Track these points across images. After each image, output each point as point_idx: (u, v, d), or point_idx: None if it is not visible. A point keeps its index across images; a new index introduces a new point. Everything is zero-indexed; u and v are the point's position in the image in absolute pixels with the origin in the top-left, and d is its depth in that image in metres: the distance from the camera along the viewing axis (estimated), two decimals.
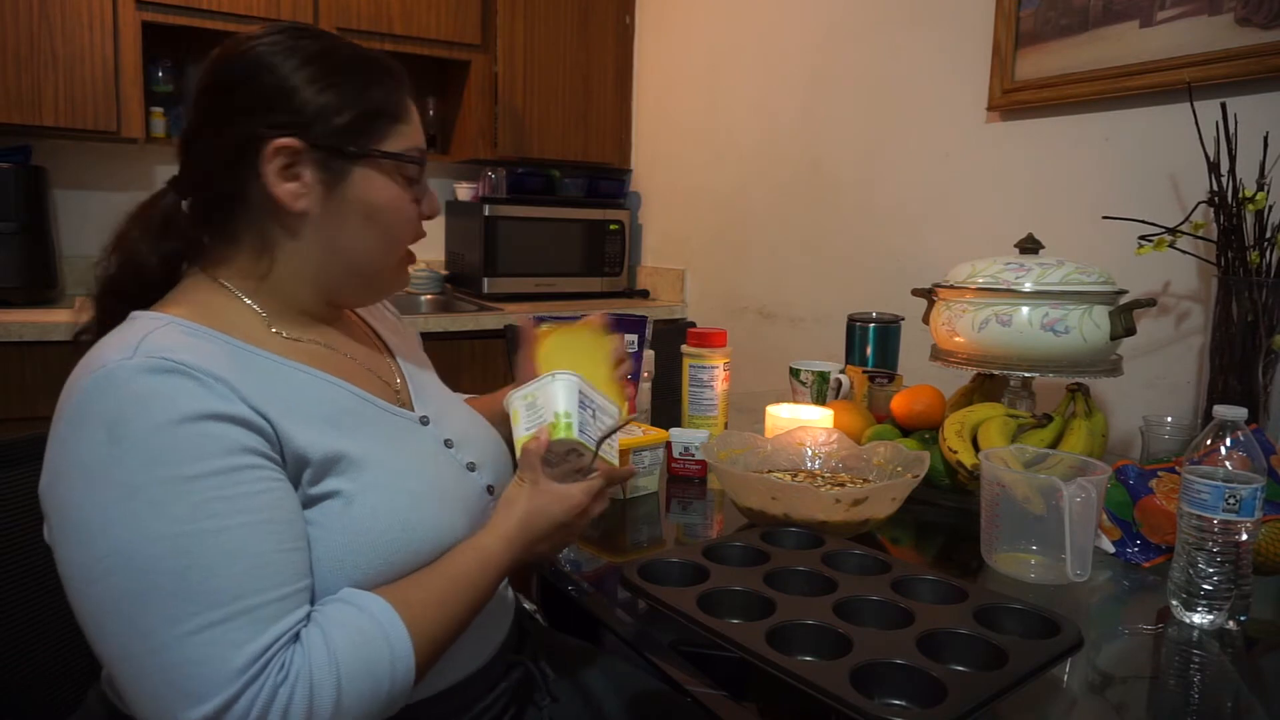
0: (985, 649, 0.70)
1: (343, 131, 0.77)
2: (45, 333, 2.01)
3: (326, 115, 0.76)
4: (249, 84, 0.76)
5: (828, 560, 0.88)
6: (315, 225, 0.78)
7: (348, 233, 0.79)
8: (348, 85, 0.78)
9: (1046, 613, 0.76)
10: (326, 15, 2.51)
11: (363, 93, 0.78)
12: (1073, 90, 1.62)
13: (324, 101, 0.76)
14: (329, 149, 0.77)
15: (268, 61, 0.76)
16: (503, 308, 2.59)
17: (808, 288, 2.34)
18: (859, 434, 1.30)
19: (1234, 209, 1.30)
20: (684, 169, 2.83)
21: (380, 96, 0.80)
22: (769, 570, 0.85)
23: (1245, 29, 1.37)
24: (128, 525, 0.62)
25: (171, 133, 2.59)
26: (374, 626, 0.67)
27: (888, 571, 0.86)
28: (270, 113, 0.76)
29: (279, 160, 0.75)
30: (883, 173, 2.09)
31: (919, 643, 0.70)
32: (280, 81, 0.76)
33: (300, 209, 0.77)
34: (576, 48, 2.91)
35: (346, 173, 0.78)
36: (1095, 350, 1.27)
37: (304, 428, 0.71)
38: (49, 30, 2.20)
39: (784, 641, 0.70)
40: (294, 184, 0.76)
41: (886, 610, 0.77)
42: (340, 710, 0.63)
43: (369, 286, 0.85)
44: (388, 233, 0.81)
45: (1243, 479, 0.81)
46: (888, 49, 2.06)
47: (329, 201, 0.78)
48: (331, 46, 0.80)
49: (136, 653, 0.61)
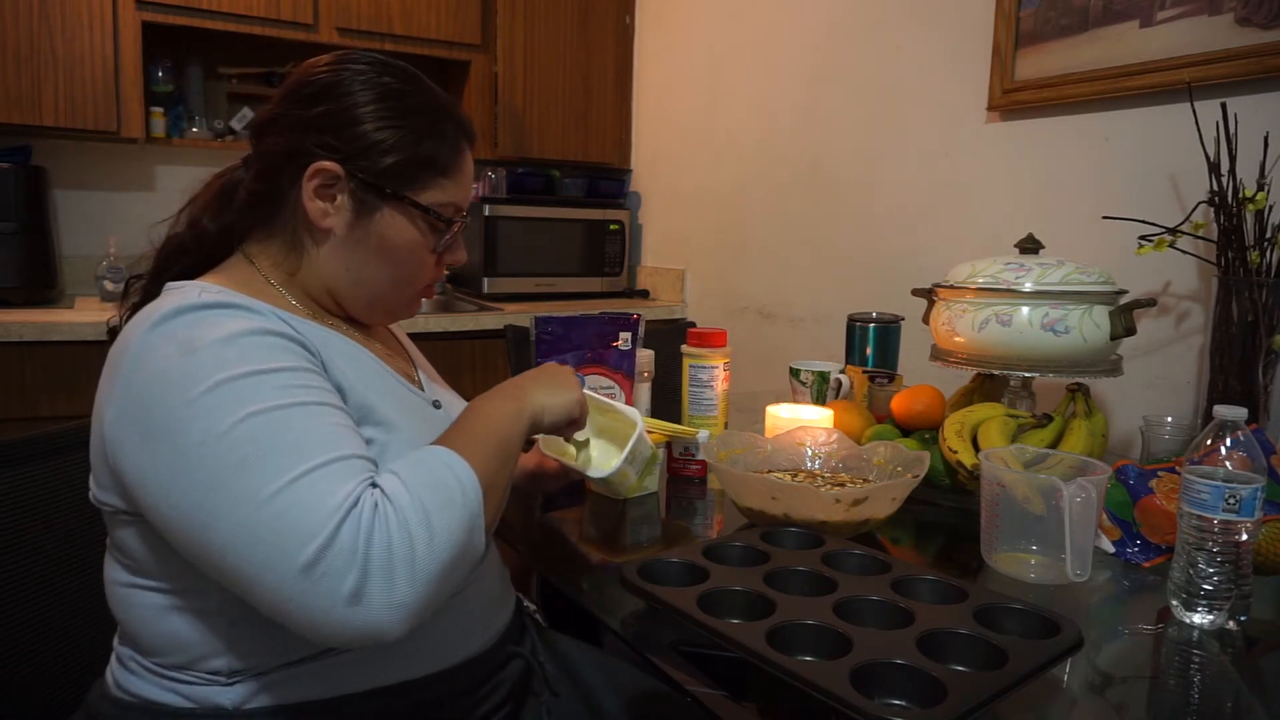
0: (985, 649, 0.70)
1: (384, 171, 0.82)
2: (45, 333, 2.01)
3: (375, 152, 0.81)
4: (321, 101, 0.82)
5: (827, 560, 0.88)
6: (337, 245, 0.84)
7: (362, 261, 0.84)
8: (408, 129, 0.83)
9: (1046, 612, 0.76)
10: (326, 15, 2.51)
11: (420, 140, 0.83)
12: (1073, 90, 1.62)
13: (378, 139, 0.81)
14: (366, 184, 0.82)
15: (346, 87, 0.82)
16: (503, 308, 2.59)
17: (808, 288, 2.34)
18: (859, 434, 1.30)
19: (1234, 209, 1.30)
20: (684, 169, 2.83)
21: (434, 148, 0.84)
22: (769, 570, 0.85)
23: (1245, 29, 1.36)
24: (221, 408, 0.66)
25: (171, 133, 2.59)
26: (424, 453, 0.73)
27: (888, 571, 0.86)
28: (327, 134, 0.81)
29: (318, 180, 0.81)
30: (883, 173, 2.09)
31: (919, 643, 0.70)
32: (347, 109, 0.81)
33: (325, 227, 0.82)
34: (576, 48, 2.91)
35: (376, 208, 0.83)
36: (1095, 350, 1.27)
37: (342, 375, 0.78)
38: (49, 30, 2.20)
39: (784, 641, 0.70)
40: (326, 204, 0.82)
41: (887, 610, 0.77)
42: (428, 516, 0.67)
43: (376, 311, 0.90)
44: (397, 272, 0.86)
45: (1243, 479, 0.81)
46: (888, 49, 2.06)
47: (354, 229, 0.83)
48: (410, 89, 0.85)
49: (245, 516, 0.64)
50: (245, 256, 0.85)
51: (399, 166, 0.82)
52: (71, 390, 2.04)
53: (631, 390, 1.37)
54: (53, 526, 0.94)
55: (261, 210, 0.85)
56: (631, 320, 1.35)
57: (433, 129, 0.84)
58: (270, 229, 0.85)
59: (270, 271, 0.85)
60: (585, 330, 1.32)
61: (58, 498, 0.95)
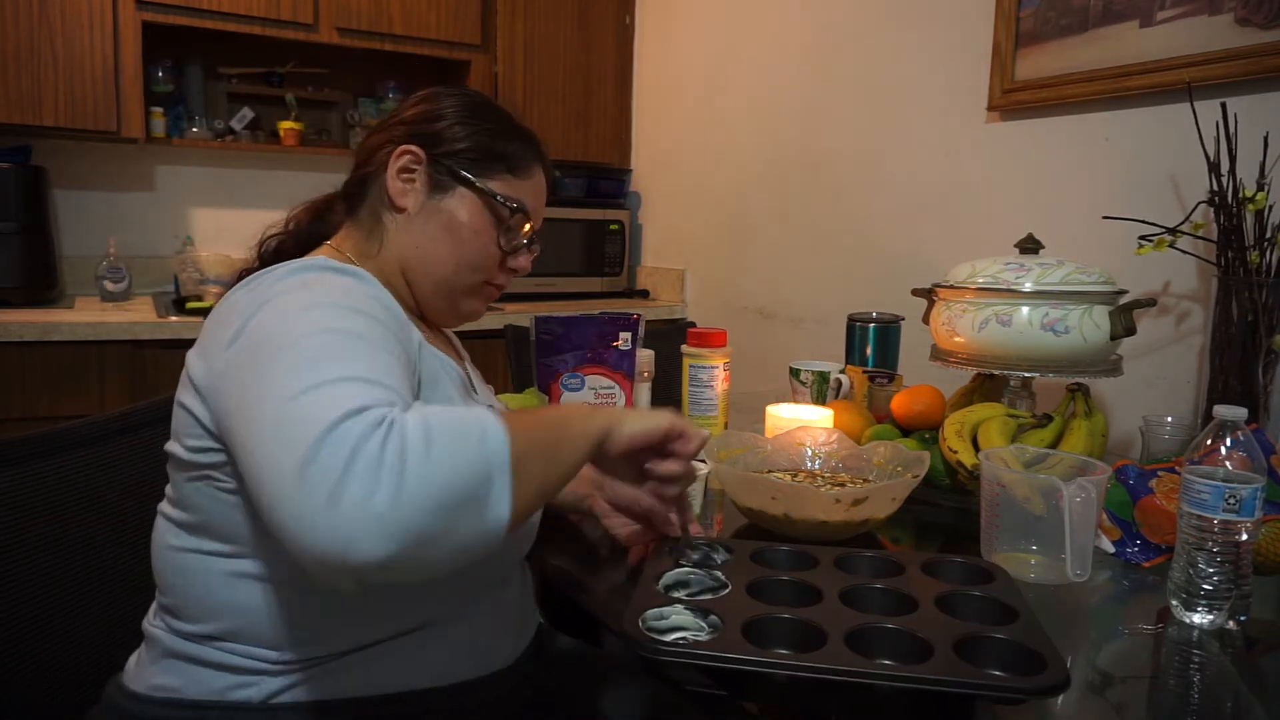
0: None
1: (459, 155, 0.93)
2: (45, 333, 2.01)
3: (454, 141, 0.93)
4: (418, 106, 0.95)
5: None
6: (410, 221, 0.92)
7: (430, 237, 0.92)
8: (485, 129, 0.94)
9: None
10: (327, 15, 2.51)
11: (494, 139, 0.94)
12: (1073, 90, 1.62)
13: (458, 133, 0.93)
14: (443, 165, 0.92)
15: (440, 97, 0.96)
16: (503, 307, 2.58)
17: (808, 288, 2.34)
18: (859, 434, 1.30)
19: (1234, 209, 1.30)
20: (684, 169, 2.83)
21: (506, 148, 0.95)
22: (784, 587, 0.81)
23: (1245, 29, 1.37)
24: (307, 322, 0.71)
25: (171, 133, 2.59)
26: (468, 410, 0.70)
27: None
28: (415, 126, 0.93)
29: (403, 160, 0.92)
30: (883, 172, 2.09)
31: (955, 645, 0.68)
32: (438, 111, 0.94)
33: (403, 204, 0.92)
34: (576, 48, 2.91)
35: (449, 188, 0.93)
36: (1095, 350, 1.27)
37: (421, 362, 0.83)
38: (49, 30, 2.20)
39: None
40: (406, 184, 0.92)
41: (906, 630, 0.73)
42: (430, 440, 0.62)
43: (441, 298, 0.96)
44: (458, 250, 0.93)
45: (1243, 479, 0.81)
46: (888, 49, 2.06)
47: (426, 207, 0.92)
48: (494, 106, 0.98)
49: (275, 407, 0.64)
50: (332, 246, 0.94)
51: (471, 153, 0.93)
52: (72, 390, 2.04)
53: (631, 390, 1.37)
54: (54, 525, 0.94)
55: (354, 200, 0.95)
56: (631, 320, 1.35)
57: (506, 135, 0.95)
58: (356, 217, 0.95)
59: (355, 257, 0.92)
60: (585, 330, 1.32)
61: (58, 496, 0.95)
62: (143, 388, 2.09)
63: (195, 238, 2.69)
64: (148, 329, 2.11)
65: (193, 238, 2.69)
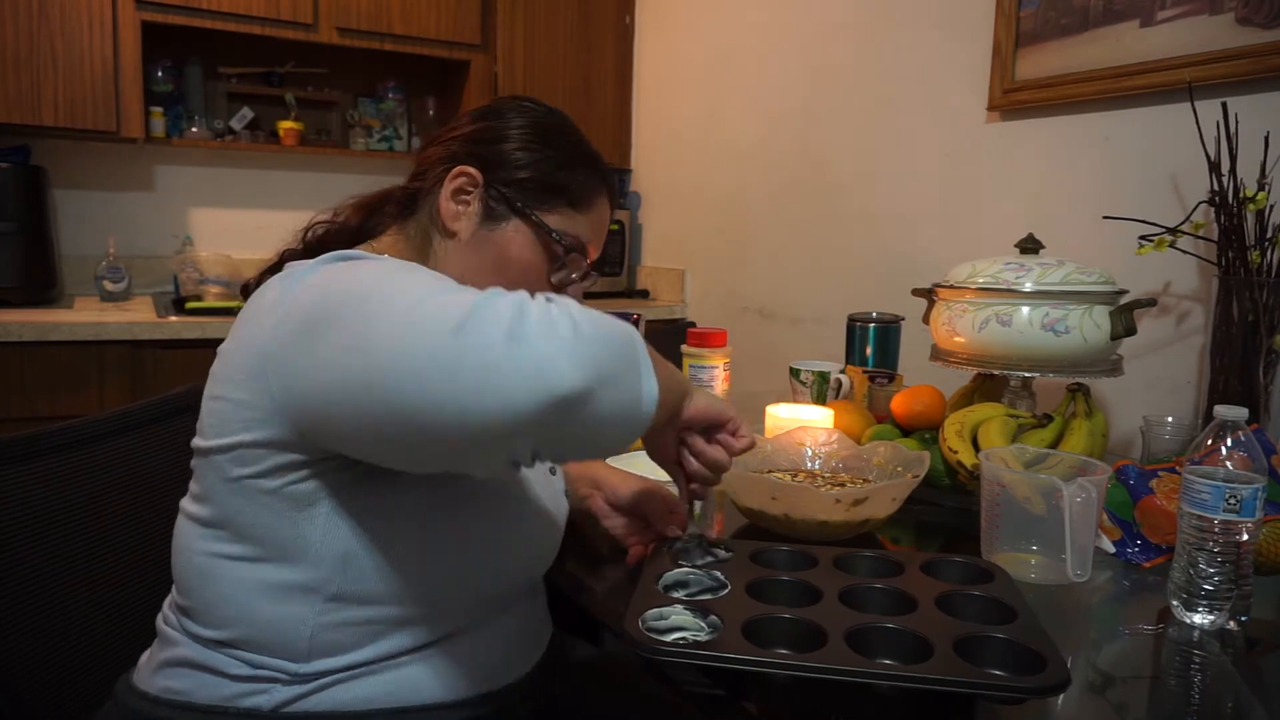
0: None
1: (518, 185, 0.88)
2: (45, 333, 2.01)
3: (514, 167, 0.88)
4: (481, 121, 0.91)
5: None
6: (460, 248, 0.89)
7: (478, 268, 0.88)
8: (548, 155, 0.89)
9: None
10: (327, 15, 2.51)
11: (557, 168, 0.89)
12: (1073, 90, 1.62)
13: (520, 158, 0.88)
14: (500, 193, 0.88)
15: (506, 114, 0.91)
16: None
17: (808, 288, 2.34)
18: (859, 434, 1.30)
19: (1234, 209, 1.30)
20: (684, 169, 2.83)
21: (569, 179, 0.90)
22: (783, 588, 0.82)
23: (1245, 29, 1.36)
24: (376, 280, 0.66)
25: (171, 133, 2.59)
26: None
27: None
28: (476, 145, 0.89)
29: (458, 181, 0.88)
30: (883, 173, 2.09)
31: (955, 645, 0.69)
32: (501, 129, 0.90)
33: (454, 229, 0.88)
34: (576, 48, 2.91)
35: (504, 219, 0.88)
36: (1095, 350, 1.27)
37: None
38: (49, 30, 2.20)
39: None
40: (460, 207, 0.88)
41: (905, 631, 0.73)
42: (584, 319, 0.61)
43: None
44: (506, 285, 0.83)
45: (1243, 479, 0.81)
46: (887, 49, 2.06)
47: (477, 235, 0.88)
48: (562, 127, 0.93)
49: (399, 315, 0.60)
50: (373, 248, 0.90)
51: (531, 184, 0.88)
52: (71, 390, 2.03)
53: None
54: (53, 524, 0.94)
55: (404, 207, 0.91)
56: (631, 320, 1.35)
57: (572, 164, 0.90)
58: (404, 228, 0.91)
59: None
60: None
61: (58, 495, 0.95)
62: (142, 388, 2.09)
63: (195, 238, 2.69)
64: (147, 329, 2.11)
65: (192, 238, 2.69)
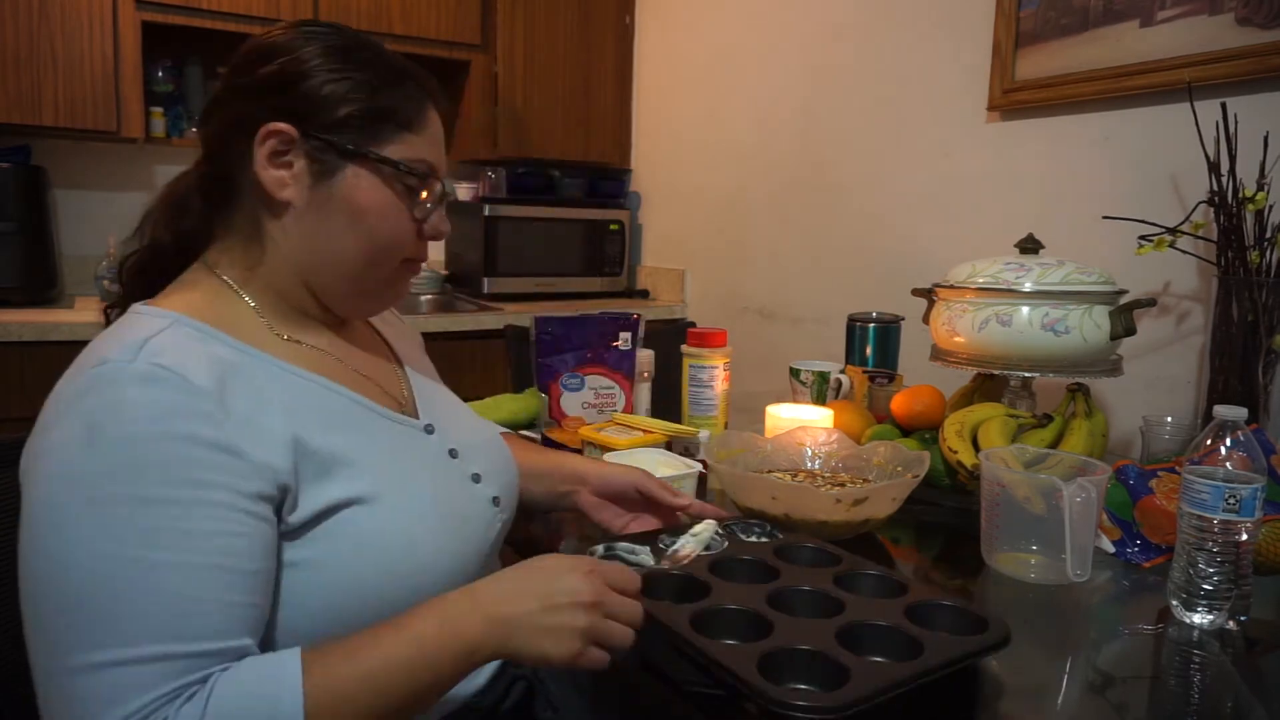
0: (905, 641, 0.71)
1: (341, 125, 0.74)
2: (45, 333, 2.01)
3: (329, 106, 0.74)
4: (262, 65, 0.75)
5: (779, 553, 0.90)
6: (299, 218, 0.76)
7: (330, 231, 0.76)
8: (360, 81, 0.75)
9: (976, 611, 0.76)
10: (326, 15, 2.51)
11: (376, 91, 0.75)
12: (1073, 90, 1.62)
13: (329, 92, 0.74)
14: (323, 141, 0.74)
15: (286, 46, 0.75)
16: (503, 308, 2.58)
17: (808, 288, 2.34)
18: (859, 434, 1.30)
19: (1234, 209, 1.30)
20: (684, 169, 2.83)
21: (393, 100, 0.76)
22: (714, 560, 0.87)
23: (1245, 29, 1.36)
24: (77, 535, 0.60)
25: (171, 133, 2.59)
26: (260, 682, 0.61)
27: (835, 565, 0.87)
28: (273, 95, 0.74)
29: (270, 144, 0.73)
30: (883, 173, 2.09)
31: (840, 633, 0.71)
32: (293, 67, 0.74)
33: (285, 198, 0.75)
34: (576, 48, 2.91)
35: (338, 169, 0.75)
36: (1095, 350, 1.27)
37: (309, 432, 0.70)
38: (49, 30, 2.20)
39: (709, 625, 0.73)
40: (282, 171, 0.74)
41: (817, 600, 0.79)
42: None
43: (358, 294, 0.81)
44: (372, 240, 0.77)
45: (1243, 479, 0.81)
46: (888, 49, 2.06)
47: (315, 195, 0.75)
48: (357, 43, 0.78)
49: (47, 667, 0.60)
50: (205, 265, 0.78)
51: (356, 119, 0.74)
52: None
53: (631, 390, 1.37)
54: None
55: (218, 201, 0.78)
56: (631, 320, 1.35)
57: (388, 80, 0.77)
58: (229, 223, 0.78)
59: (234, 274, 0.77)
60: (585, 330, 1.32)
61: None
62: None
63: None
64: None
65: None
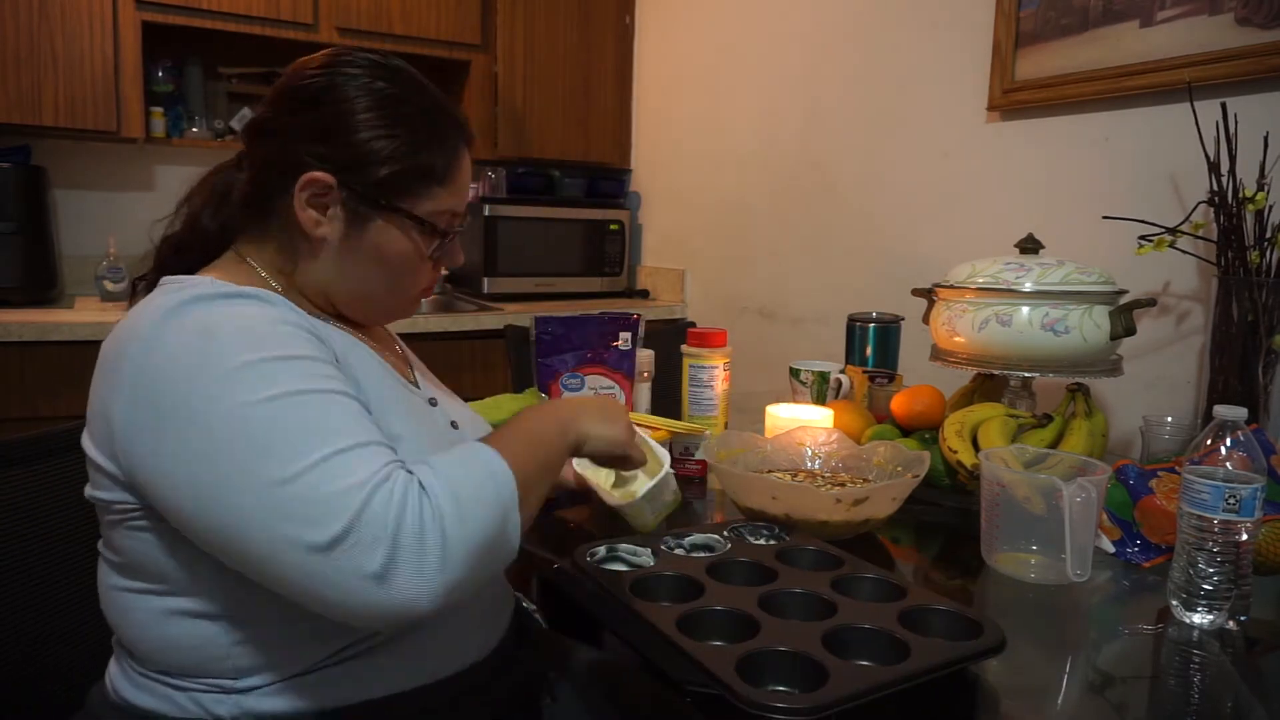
0: (893, 644, 0.71)
1: (379, 183, 0.80)
2: (45, 333, 2.01)
3: (370, 163, 0.79)
4: (315, 108, 0.80)
5: (780, 556, 0.91)
6: (331, 253, 0.83)
7: (356, 270, 0.83)
8: (404, 138, 0.80)
9: (972, 614, 0.76)
10: (326, 15, 2.51)
11: (418, 150, 0.81)
12: (1073, 90, 1.62)
13: (373, 149, 0.79)
14: (360, 195, 0.80)
15: (340, 92, 0.80)
16: (503, 308, 2.58)
17: (808, 288, 2.34)
18: (859, 434, 1.30)
19: (1234, 209, 1.30)
20: (684, 169, 2.83)
21: (432, 158, 0.82)
22: (713, 561, 0.88)
23: (1245, 29, 1.36)
24: (241, 390, 0.66)
25: (171, 133, 2.59)
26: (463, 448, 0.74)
27: (836, 568, 0.87)
28: (319, 143, 0.79)
29: (309, 190, 0.79)
30: (883, 173, 2.09)
31: (826, 636, 0.72)
32: (342, 116, 0.79)
33: (319, 237, 0.81)
34: (576, 48, 2.91)
35: (369, 219, 0.81)
36: (1095, 350, 1.27)
37: (352, 372, 0.77)
38: (49, 30, 2.20)
39: (695, 626, 0.75)
40: (318, 214, 0.80)
41: (810, 602, 0.79)
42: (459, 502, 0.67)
43: (373, 314, 0.90)
44: (394, 281, 0.86)
45: (1243, 479, 0.81)
46: (888, 49, 2.06)
47: (346, 239, 0.82)
48: (406, 94, 0.82)
49: (268, 494, 0.64)
50: (239, 255, 0.84)
51: (394, 178, 0.80)
52: (71, 390, 2.03)
53: (631, 390, 1.37)
54: (53, 526, 0.94)
55: (255, 211, 0.84)
56: (631, 320, 1.35)
57: (431, 136, 0.82)
58: (264, 231, 0.84)
59: (269, 273, 0.84)
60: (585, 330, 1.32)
61: (58, 497, 0.95)
62: None
63: None
64: None
65: None
